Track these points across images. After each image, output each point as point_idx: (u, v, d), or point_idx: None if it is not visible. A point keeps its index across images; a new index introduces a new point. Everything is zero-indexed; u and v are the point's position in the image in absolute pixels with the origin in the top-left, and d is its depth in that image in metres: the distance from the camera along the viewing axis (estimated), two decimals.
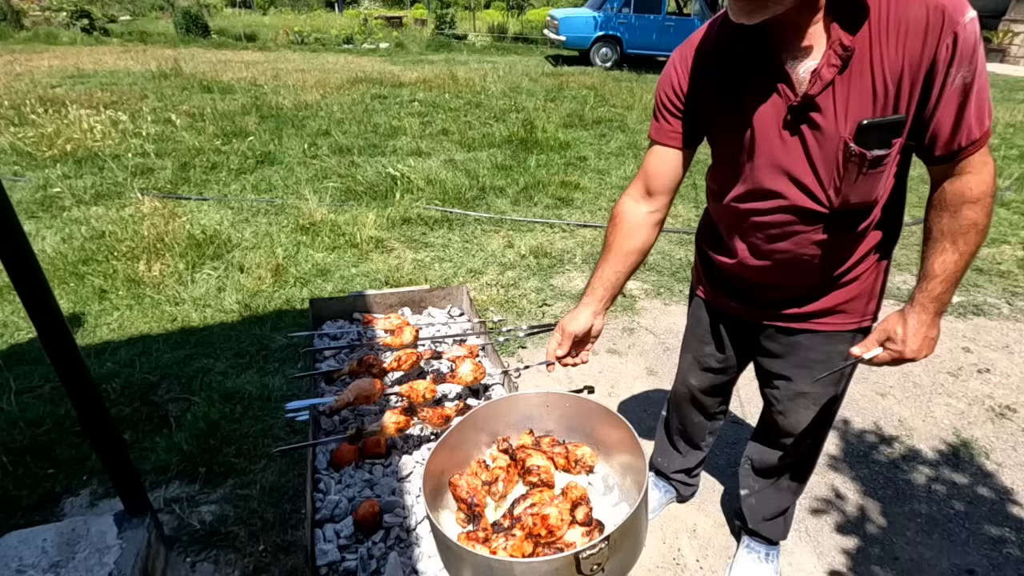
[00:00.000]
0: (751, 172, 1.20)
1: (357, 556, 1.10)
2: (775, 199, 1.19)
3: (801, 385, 1.45)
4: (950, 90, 1.00)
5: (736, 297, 1.46)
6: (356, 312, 1.87)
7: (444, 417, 1.33)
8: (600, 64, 12.06)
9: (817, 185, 1.14)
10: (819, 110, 1.07)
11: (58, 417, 2.25)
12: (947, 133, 1.03)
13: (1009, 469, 2.26)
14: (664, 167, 1.32)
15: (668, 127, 1.29)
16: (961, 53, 0.97)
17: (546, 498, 1.06)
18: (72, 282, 3.19)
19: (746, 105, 1.14)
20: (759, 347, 1.51)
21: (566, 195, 4.84)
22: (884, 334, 1.19)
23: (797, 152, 1.13)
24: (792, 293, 1.34)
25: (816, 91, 1.06)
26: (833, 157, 1.10)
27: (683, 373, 1.76)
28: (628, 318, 3.22)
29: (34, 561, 1.49)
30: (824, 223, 1.18)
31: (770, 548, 1.80)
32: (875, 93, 1.04)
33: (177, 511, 1.93)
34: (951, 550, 1.93)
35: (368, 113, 7.13)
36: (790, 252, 1.24)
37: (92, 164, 5.00)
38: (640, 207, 1.36)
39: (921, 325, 1.14)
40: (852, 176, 1.10)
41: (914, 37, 0.99)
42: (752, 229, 1.27)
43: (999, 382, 2.77)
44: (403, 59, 12.48)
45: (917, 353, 1.16)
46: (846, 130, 1.06)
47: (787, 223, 1.20)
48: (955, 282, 1.12)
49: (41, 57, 10.49)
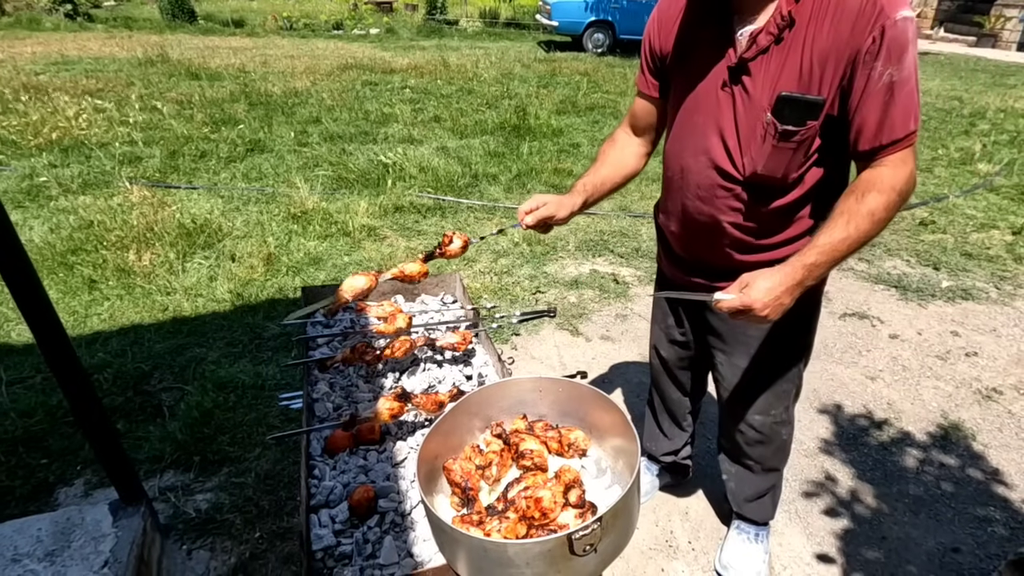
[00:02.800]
0: (690, 127, 1.27)
1: (352, 541, 1.11)
2: (703, 157, 1.25)
3: (736, 358, 1.50)
4: (875, 85, 1.00)
5: (679, 265, 1.50)
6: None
7: (437, 403, 1.34)
8: (593, 49, 11.96)
9: (737, 148, 1.19)
10: (750, 75, 1.12)
11: (50, 408, 2.24)
12: (871, 129, 1.05)
13: (995, 450, 2.30)
14: (644, 113, 1.46)
15: (645, 79, 1.40)
16: (888, 48, 0.98)
17: (539, 481, 1.07)
18: (61, 272, 3.16)
19: (697, 62, 1.21)
20: (704, 322, 1.55)
21: (559, 182, 4.83)
22: (745, 281, 1.14)
23: (728, 112, 1.18)
24: (720, 261, 1.37)
25: (751, 55, 1.10)
26: (753, 124, 1.14)
27: (653, 345, 1.81)
28: (621, 305, 3.23)
29: (29, 550, 1.49)
30: (740, 189, 1.23)
31: (759, 529, 1.82)
32: (801, 70, 1.06)
33: (172, 499, 1.93)
34: (938, 529, 1.97)
35: (359, 100, 7.06)
36: (712, 217, 1.29)
37: (79, 153, 4.93)
38: (630, 138, 1.53)
39: (780, 285, 1.10)
40: (764, 146, 1.13)
41: (845, 22, 1.00)
42: (683, 185, 1.32)
43: (986, 365, 2.81)
44: (394, 45, 12.33)
45: (762, 309, 1.10)
46: (768, 100, 1.11)
47: (709, 184, 1.26)
48: (832, 259, 1.10)
49: (24, 43, 10.28)
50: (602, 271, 3.54)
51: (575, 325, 3.01)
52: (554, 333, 2.94)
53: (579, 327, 3.00)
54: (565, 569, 0.88)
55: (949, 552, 1.89)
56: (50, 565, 1.45)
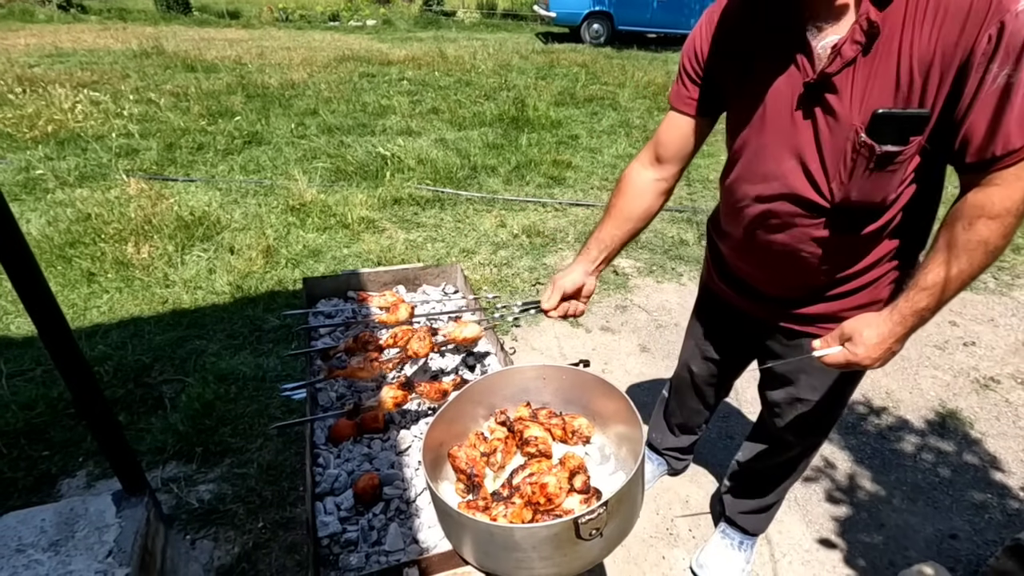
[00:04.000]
0: (758, 150, 1.11)
1: (358, 527, 1.12)
2: (777, 183, 1.10)
3: (800, 390, 1.38)
4: (989, 89, 0.86)
5: (738, 289, 1.39)
6: (350, 290, 1.86)
7: (441, 392, 1.34)
8: (591, 41, 11.91)
9: (822, 175, 1.03)
10: (835, 92, 0.96)
11: (51, 400, 2.24)
12: (980, 138, 0.89)
13: (992, 438, 2.32)
14: (676, 134, 1.27)
15: (685, 92, 1.22)
16: (1007, 47, 0.83)
17: (544, 468, 1.07)
18: (60, 265, 3.14)
19: (762, 76, 1.05)
20: (761, 346, 1.44)
21: (558, 174, 4.82)
22: (848, 333, 1.06)
23: (807, 135, 1.02)
24: (792, 293, 1.26)
25: (834, 70, 0.95)
26: (843, 147, 0.99)
27: (685, 358, 1.74)
28: (621, 296, 3.23)
29: (33, 540, 1.49)
30: (826, 219, 1.08)
31: (745, 537, 1.77)
32: (899, 81, 0.91)
33: (175, 490, 1.94)
34: (935, 516, 1.98)
35: (356, 92, 7.02)
36: (788, 246, 1.15)
37: (75, 145, 4.89)
38: (647, 173, 1.33)
39: (891, 336, 1.01)
40: (858, 171, 0.99)
41: (952, 22, 0.86)
42: (752, 216, 1.18)
43: (984, 354, 2.83)
44: (391, 36, 12.25)
45: (874, 362, 1.04)
46: (859, 118, 0.95)
47: (786, 213, 1.11)
48: (943, 300, 0.98)
49: (17, 35, 10.18)
50: None
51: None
52: (554, 324, 2.94)
53: (579, 318, 3.01)
54: (571, 553, 0.89)
55: (947, 538, 1.91)
56: (55, 555, 1.46)
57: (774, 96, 1.04)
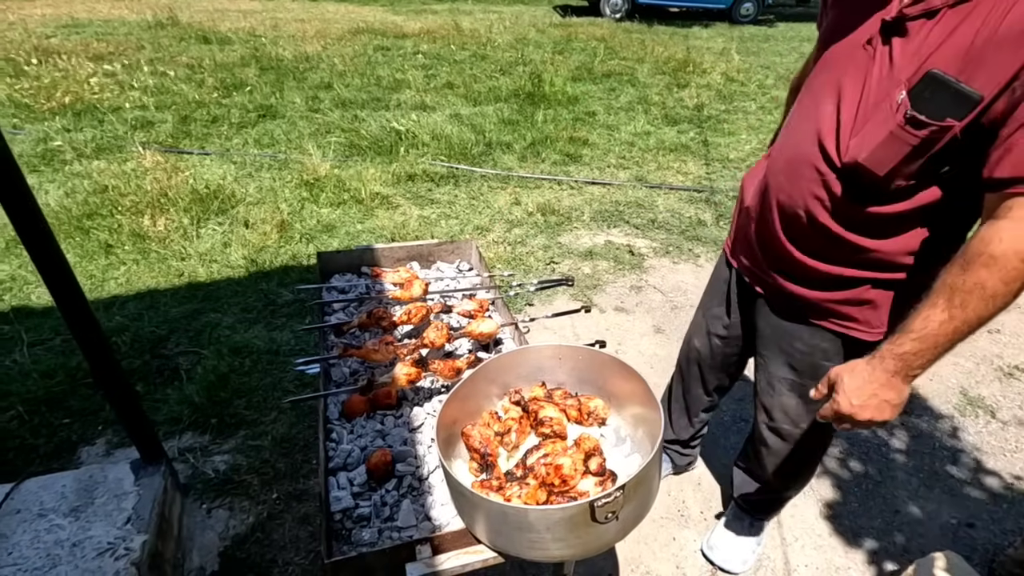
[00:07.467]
0: (813, 87, 1.08)
1: (370, 503, 1.12)
2: (809, 124, 1.06)
3: (779, 369, 1.35)
4: None
5: (744, 248, 1.35)
6: (364, 266, 1.85)
7: (455, 369, 1.33)
8: (610, 15, 11.61)
9: (850, 123, 0.98)
10: (905, 35, 0.90)
11: (70, 369, 2.27)
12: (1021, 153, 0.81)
13: (1014, 426, 2.27)
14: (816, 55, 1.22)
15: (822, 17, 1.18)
16: None
17: (559, 448, 1.06)
18: (77, 236, 3.17)
19: (849, 7, 1.02)
20: (755, 321, 1.39)
21: (574, 151, 4.74)
22: (832, 379, 1.00)
23: (858, 75, 0.97)
24: (788, 255, 1.18)
25: (914, 13, 0.88)
26: (882, 97, 0.93)
27: (691, 332, 1.70)
28: (636, 276, 3.19)
29: (54, 505, 1.52)
30: (833, 177, 1.03)
31: (755, 520, 1.74)
32: (971, 49, 0.83)
33: (191, 460, 1.97)
34: (952, 503, 1.96)
35: (371, 65, 6.93)
36: (792, 200, 1.11)
37: (91, 117, 4.90)
38: None
39: (871, 381, 0.94)
40: (880, 127, 0.92)
41: None
42: (774, 164, 1.16)
43: (1008, 342, 2.76)
44: (405, 9, 12.04)
45: (858, 411, 0.96)
46: (912, 73, 0.89)
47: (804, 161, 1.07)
48: (934, 347, 0.90)
49: (33, 5, 10.15)
50: (617, 242, 3.49)
51: (589, 296, 2.99)
52: (568, 304, 2.91)
53: (593, 298, 2.98)
54: (585, 535, 0.88)
55: (964, 526, 1.88)
56: (75, 520, 1.49)
57: (850, 28, 1.00)
